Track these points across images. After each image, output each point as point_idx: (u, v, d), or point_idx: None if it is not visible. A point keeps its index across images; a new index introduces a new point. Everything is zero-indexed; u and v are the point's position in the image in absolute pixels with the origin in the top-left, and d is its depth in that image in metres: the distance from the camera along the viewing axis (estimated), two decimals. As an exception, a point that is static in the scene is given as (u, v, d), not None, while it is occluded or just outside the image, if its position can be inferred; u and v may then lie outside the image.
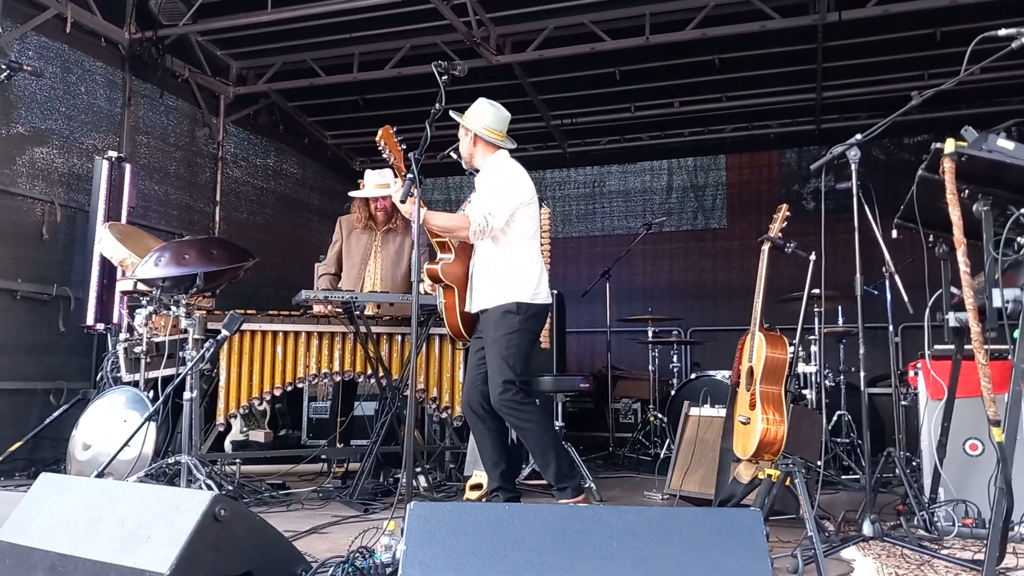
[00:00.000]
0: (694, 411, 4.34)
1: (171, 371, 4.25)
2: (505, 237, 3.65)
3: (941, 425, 3.42)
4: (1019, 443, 3.15)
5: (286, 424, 6.30)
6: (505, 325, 3.57)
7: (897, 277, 4.10)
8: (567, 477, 3.60)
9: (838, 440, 5.33)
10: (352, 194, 4.99)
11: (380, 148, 3.49)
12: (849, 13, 5.93)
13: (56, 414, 5.09)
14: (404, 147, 3.49)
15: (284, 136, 8.48)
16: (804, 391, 5.27)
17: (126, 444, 3.60)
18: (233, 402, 4.15)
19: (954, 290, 2.96)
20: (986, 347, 2.30)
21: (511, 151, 3.81)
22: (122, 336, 4.71)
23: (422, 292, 4.01)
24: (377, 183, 4.85)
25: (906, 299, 4.06)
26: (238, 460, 4.62)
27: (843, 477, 5.03)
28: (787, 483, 3.10)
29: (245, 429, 5.87)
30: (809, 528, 2.73)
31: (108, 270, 5.49)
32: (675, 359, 6.76)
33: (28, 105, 5.57)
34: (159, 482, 3.67)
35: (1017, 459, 3.13)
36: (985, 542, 2.48)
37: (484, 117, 3.77)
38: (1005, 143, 2.39)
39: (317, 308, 4.40)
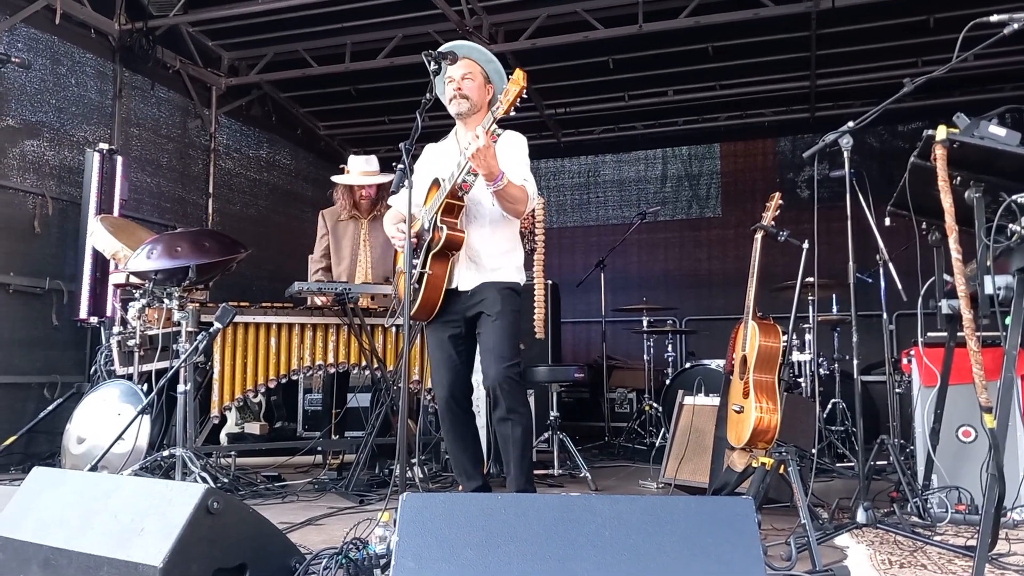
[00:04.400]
0: (688, 400, 4.34)
1: (165, 364, 4.24)
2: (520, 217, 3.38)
3: (934, 412, 3.43)
4: (1011, 429, 3.17)
5: (281, 416, 6.30)
6: (513, 302, 3.30)
7: (891, 265, 4.11)
8: (533, 481, 3.29)
9: (832, 428, 5.36)
10: (336, 179, 4.90)
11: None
12: (842, 0, 5.91)
13: (50, 408, 5.07)
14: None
15: (277, 127, 8.45)
16: (799, 379, 5.28)
17: (119, 437, 3.59)
18: (227, 395, 4.13)
19: (947, 277, 2.96)
20: (978, 334, 2.30)
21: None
22: (115, 329, 4.69)
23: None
24: (363, 169, 4.80)
25: (900, 287, 4.06)
26: (233, 452, 4.62)
27: (837, 465, 5.05)
28: (781, 471, 3.11)
29: (240, 421, 5.87)
30: (802, 516, 2.74)
31: (101, 263, 5.47)
32: (670, 348, 6.79)
33: (18, 98, 5.54)
34: (154, 475, 3.66)
35: (1009, 445, 3.14)
36: (977, 528, 2.49)
37: (502, 75, 3.36)
38: (997, 130, 2.38)
39: (320, 299, 4.37)
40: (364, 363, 4.40)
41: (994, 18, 2.61)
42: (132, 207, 6.16)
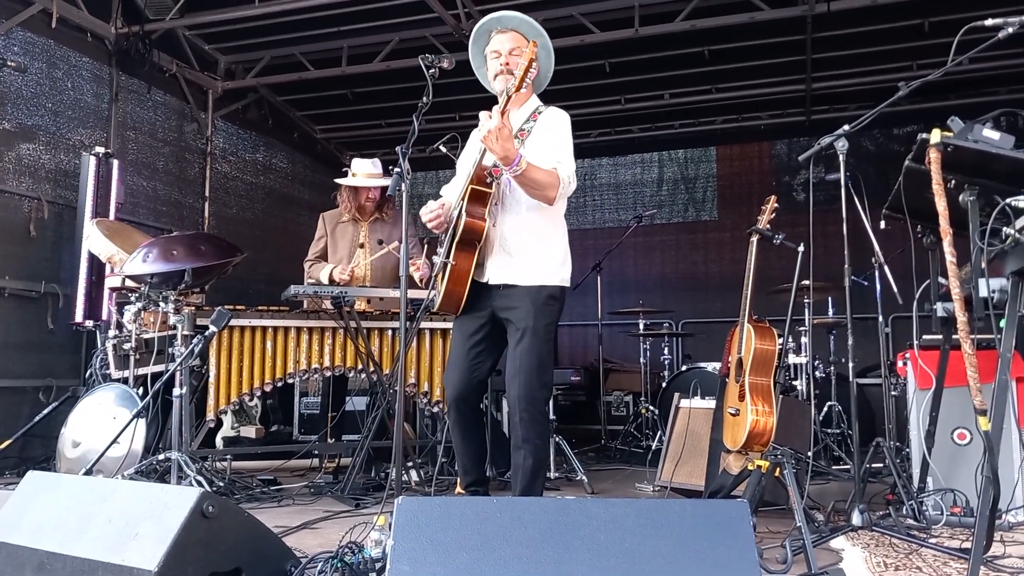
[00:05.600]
0: (684, 403, 4.35)
1: (160, 367, 4.23)
2: (554, 204, 3.09)
3: (929, 415, 3.44)
4: (1005, 432, 3.18)
5: (277, 420, 6.29)
6: (548, 313, 3.01)
7: (886, 267, 4.11)
8: None
9: (828, 430, 5.36)
10: (342, 181, 4.91)
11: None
12: (837, 4, 5.94)
13: (45, 412, 5.06)
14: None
15: (273, 130, 8.44)
16: (794, 382, 5.29)
17: (115, 441, 3.59)
18: (223, 398, 4.13)
19: (942, 280, 2.97)
20: (973, 337, 2.31)
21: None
22: (111, 333, 4.68)
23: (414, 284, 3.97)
24: (369, 172, 4.83)
25: (895, 289, 4.07)
26: (229, 456, 4.61)
27: (833, 467, 5.05)
28: (776, 474, 3.11)
29: (236, 425, 5.86)
30: (798, 518, 2.75)
31: (96, 267, 5.46)
32: (666, 351, 6.78)
33: (14, 101, 5.53)
34: (149, 479, 3.65)
35: (1003, 448, 3.16)
36: (972, 531, 2.49)
37: (549, 51, 3.16)
38: (991, 133, 2.39)
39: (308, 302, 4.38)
40: (361, 366, 4.40)
41: (989, 22, 2.62)
42: (128, 211, 6.15)
